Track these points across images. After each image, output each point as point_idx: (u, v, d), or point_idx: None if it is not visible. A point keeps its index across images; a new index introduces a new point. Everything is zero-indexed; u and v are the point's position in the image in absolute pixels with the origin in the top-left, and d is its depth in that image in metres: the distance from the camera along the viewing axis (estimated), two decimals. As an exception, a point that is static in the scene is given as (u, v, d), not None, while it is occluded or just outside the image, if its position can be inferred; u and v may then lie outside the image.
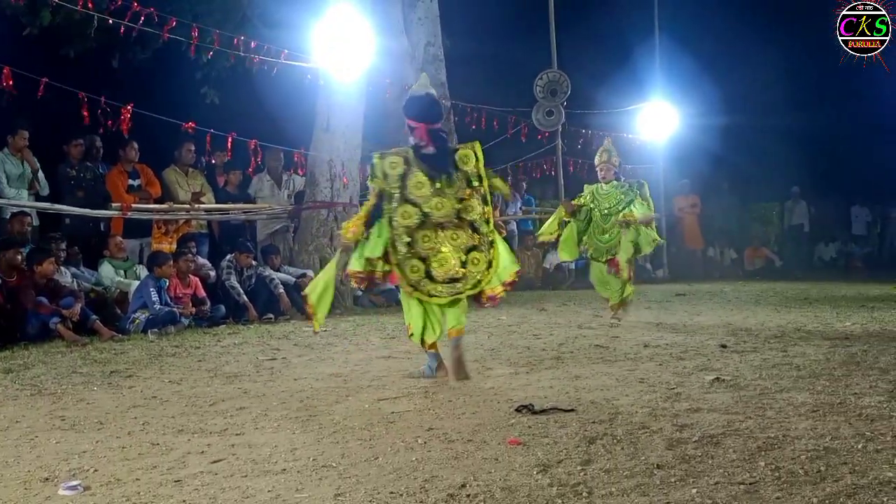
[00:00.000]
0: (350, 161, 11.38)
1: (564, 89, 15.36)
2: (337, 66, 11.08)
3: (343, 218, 11.14)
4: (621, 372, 5.30)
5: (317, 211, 11.17)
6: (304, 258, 10.96)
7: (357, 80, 11.38)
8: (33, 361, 6.51)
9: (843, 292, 12.12)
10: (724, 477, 2.93)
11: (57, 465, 3.43)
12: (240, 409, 4.50)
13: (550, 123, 15.49)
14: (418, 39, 14.49)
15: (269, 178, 11.65)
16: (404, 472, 3.12)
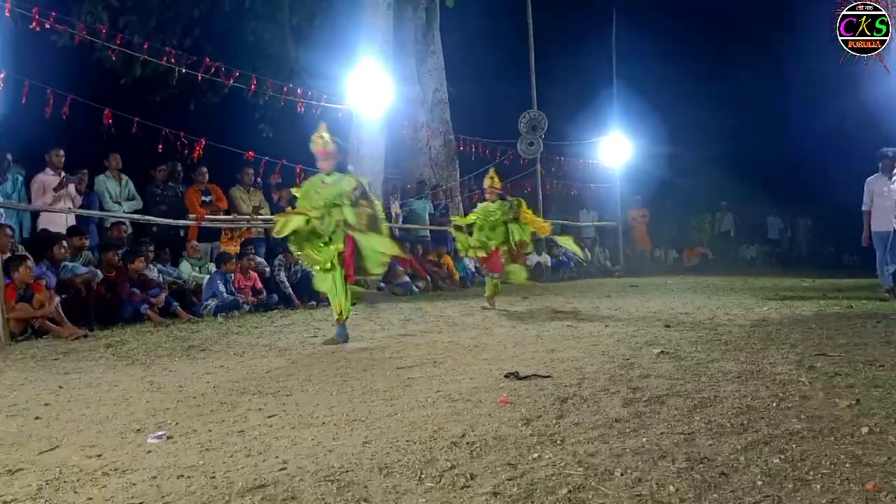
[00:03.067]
0: (374, 180, 11.38)
1: (542, 125, 15.39)
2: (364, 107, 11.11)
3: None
4: (587, 346, 5.30)
5: (349, 221, 11.17)
6: (340, 257, 10.96)
7: (380, 118, 11.41)
8: (128, 339, 6.53)
9: (761, 284, 12.10)
10: (667, 428, 2.94)
11: (146, 419, 3.44)
12: (289, 375, 4.52)
13: (531, 152, 15.51)
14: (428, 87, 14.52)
15: (311, 195, 11.65)
16: (417, 425, 3.12)
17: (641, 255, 18.69)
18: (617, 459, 2.55)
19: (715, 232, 20.95)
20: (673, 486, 2.27)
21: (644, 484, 2.31)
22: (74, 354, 5.70)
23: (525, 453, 2.66)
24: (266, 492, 2.35)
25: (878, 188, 8.96)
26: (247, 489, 2.38)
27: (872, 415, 3.06)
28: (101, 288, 7.75)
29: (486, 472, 2.47)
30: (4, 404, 3.85)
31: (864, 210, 9.03)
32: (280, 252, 10.13)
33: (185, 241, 9.69)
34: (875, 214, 8.96)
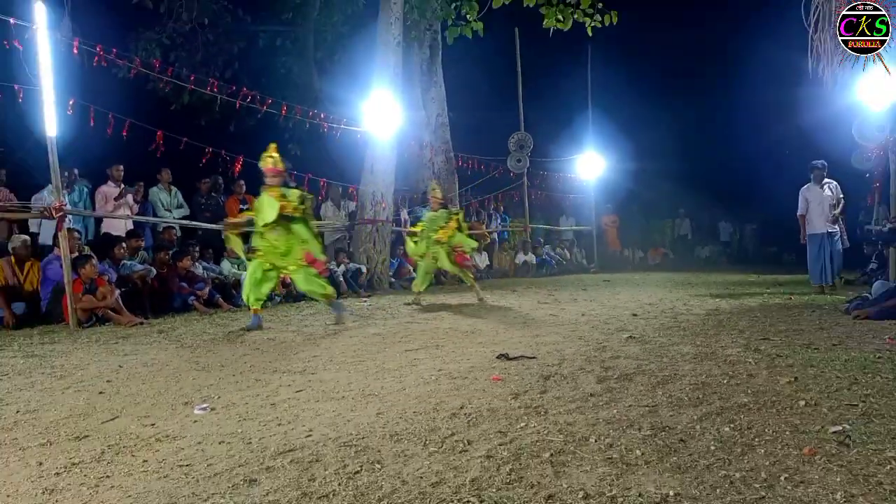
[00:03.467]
0: (386, 193, 11.37)
1: (528, 144, 15.40)
2: (377, 129, 11.09)
3: (383, 231, 11.17)
4: (566, 332, 5.30)
5: (364, 226, 11.17)
6: (358, 257, 10.95)
7: (390, 138, 11.39)
8: (177, 325, 6.53)
9: (714, 279, 12.09)
10: (634, 401, 2.93)
11: (193, 393, 3.44)
12: (314, 356, 4.51)
13: (519, 167, 15.51)
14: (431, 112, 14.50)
15: (332, 203, 11.65)
16: (423, 399, 3.12)
17: (612, 255, 18.68)
18: (592, 428, 2.55)
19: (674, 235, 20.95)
20: (639, 451, 2.27)
21: (615, 448, 2.31)
22: (132, 339, 5.70)
23: (514, 423, 2.66)
24: (294, 455, 2.35)
25: (811, 196, 8.97)
26: (278, 453, 2.38)
27: (808, 390, 3.05)
28: (155, 282, 7.75)
29: (481, 438, 2.47)
30: (73, 381, 3.85)
31: (800, 215, 9.03)
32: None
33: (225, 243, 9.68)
34: (809, 218, 8.96)
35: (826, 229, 8.84)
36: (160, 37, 13.02)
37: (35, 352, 5.00)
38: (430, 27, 13.99)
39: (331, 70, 14.92)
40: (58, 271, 6.66)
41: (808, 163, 9.16)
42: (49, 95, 6.54)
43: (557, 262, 16.25)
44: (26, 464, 2.35)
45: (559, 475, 2.07)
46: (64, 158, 7.03)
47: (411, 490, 1.99)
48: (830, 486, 1.94)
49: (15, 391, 3.60)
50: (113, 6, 12.14)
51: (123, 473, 2.23)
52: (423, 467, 2.18)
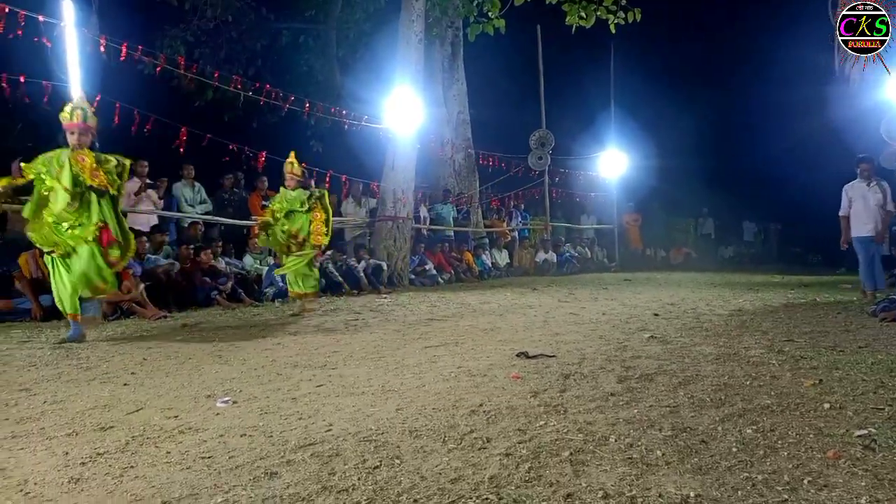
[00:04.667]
0: (407, 189, 11.40)
1: (550, 142, 15.34)
2: (398, 126, 11.12)
3: (403, 228, 11.20)
4: (587, 331, 5.27)
5: (385, 222, 11.21)
6: (378, 253, 11.00)
7: (412, 136, 11.41)
8: (200, 319, 6.60)
9: (737, 279, 11.96)
10: (655, 402, 2.91)
11: (215, 386, 3.47)
12: (334, 352, 4.54)
13: (540, 165, 15.46)
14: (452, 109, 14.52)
15: (353, 200, 11.70)
16: (442, 395, 3.12)
17: (634, 254, 18.55)
18: (612, 427, 2.54)
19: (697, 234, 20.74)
20: (660, 451, 2.25)
21: (635, 448, 2.29)
22: (156, 332, 5.77)
23: (533, 421, 2.65)
24: (315, 449, 2.36)
25: (855, 194, 8.07)
26: (299, 446, 2.40)
27: (833, 393, 3.01)
28: (179, 277, 7.85)
29: (500, 436, 2.46)
30: (98, 372, 3.91)
31: (842, 215, 8.14)
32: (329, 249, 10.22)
33: (248, 238, 9.78)
34: (854, 219, 8.06)
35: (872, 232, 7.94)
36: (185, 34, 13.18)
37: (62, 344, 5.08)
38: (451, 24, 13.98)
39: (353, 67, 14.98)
40: (84, 265, 6.76)
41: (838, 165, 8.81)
42: (76, 91, 6.64)
43: (578, 261, 16.18)
44: (53, 453, 2.40)
45: (578, 474, 2.07)
46: (90, 153, 7.12)
47: (430, 486, 2.00)
48: (855, 490, 1.91)
49: (42, 382, 3.67)
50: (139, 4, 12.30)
51: (147, 464, 2.26)
52: (442, 464, 2.18)
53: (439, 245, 12.54)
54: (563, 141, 16.44)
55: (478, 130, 15.23)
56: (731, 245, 21.13)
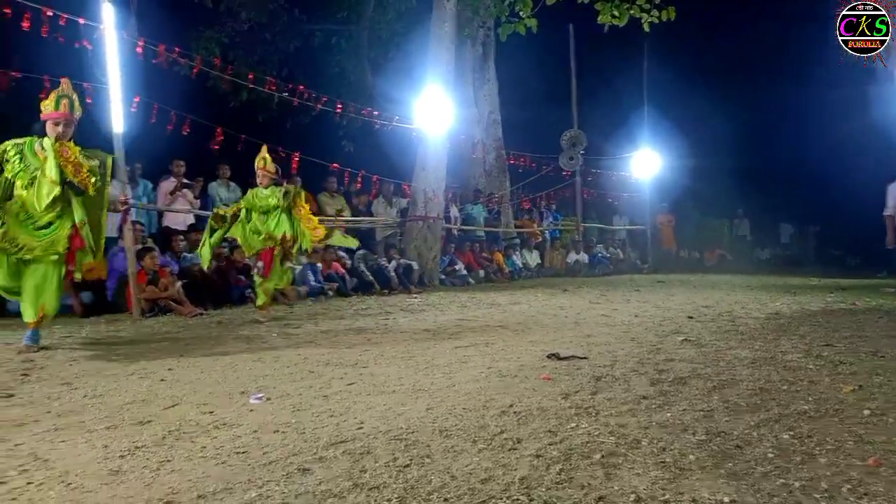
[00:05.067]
0: (437, 189, 11.42)
1: (582, 142, 15.22)
2: (429, 126, 11.15)
3: (434, 228, 11.23)
4: (619, 333, 5.22)
5: (416, 222, 11.25)
6: (409, 253, 11.04)
7: (442, 136, 11.43)
8: (235, 317, 6.71)
9: (773, 282, 11.72)
10: (689, 406, 2.88)
11: (249, 383, 3.53)
12: (365, 350, 4.57)
13: (572, 165, 15.35)
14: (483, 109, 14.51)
15: (384, 200, 11.77)
16: (472, 396, 3.13)
17: (667, 255, 18.30)
18: (644, 431, 2.51)
19: (732, 235, 20.36)
20: (693, 456, 2.23)
21: (668, 452, 2.27)
22: (192, 329, 5.88)
23: (564, 423, 2.64)
24: (346, 446, 2.39)
25: None
26: (330, 443, 2.42)
27: (873, 399, 2.94)
28: (214, 275, 7.98)
29: (531, 437, 2.46)
30: (137, 368, 4.00)
31: (887, 214, 8.04)
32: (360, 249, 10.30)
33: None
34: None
35: None
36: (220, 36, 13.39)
37: (102, 339, 5.21)
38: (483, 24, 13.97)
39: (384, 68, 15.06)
40: (123, 262, 6.92)
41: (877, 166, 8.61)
42: (116, 93, 6.80)
43: (610, 262, 16.03)
44: (93, 446, 2.46)
45: (610, 477, 2.05)
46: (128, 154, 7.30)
47: (460, 486, 2.00)
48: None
49: (83, 376, 3.77)
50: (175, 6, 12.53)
51: (183, 458, 2.31)
52: (473, 463, 2.19)
53: (469, 245, 12.54)
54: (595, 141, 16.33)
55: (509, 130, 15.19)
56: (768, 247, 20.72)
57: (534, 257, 14.52)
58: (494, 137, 14.78)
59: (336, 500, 1.92)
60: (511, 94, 15.42)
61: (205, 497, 1.95)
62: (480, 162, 14.49)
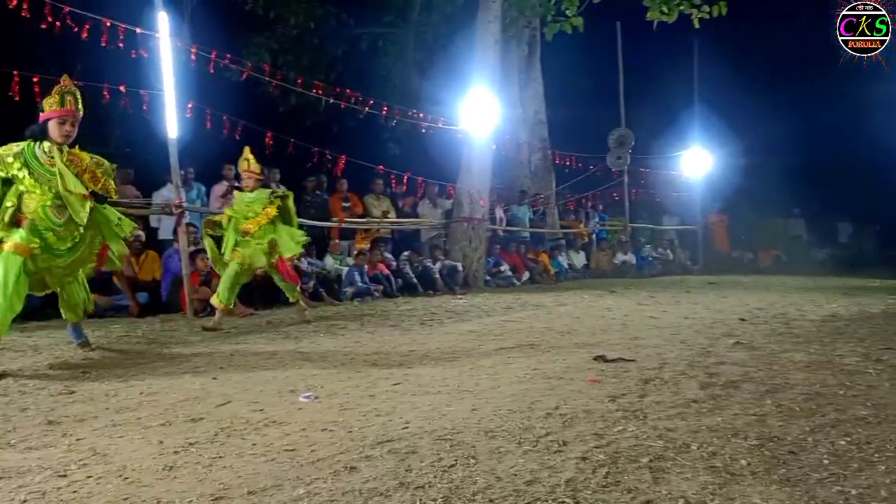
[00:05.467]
0: (482, 191, 11.41)
1: (630, 141, 15.00)
2: (475, 128, 11.15)
3: (479, 229, 11.23)
4: (668, 335, 5.13)
5: (460, 223, 11.26)
6: (454, 254, 11.06)
7: (487, 137, 11.42)
8: (284, 317, 6.83)
9: (831, 284, 11.32)
10: (740, 410, 2.81)
11: (298, 382, 3.59)
12: (410, 351, 4.60)
13: (619, 165, 15.14)
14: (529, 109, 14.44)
15: (429, 201, 11.82)
16: (517, 397, 3.12)
17: (719, 256, 17.85)
18: (694, 435, 2.47)
19: (787, 235, 19.74)
20: (745, 461, 2.17)
21: (718, 457, 2.22)
22: (243, 329, 6.02)
23: (611, 426, 2.61)
24: (392, 445, 2.41)
25: None
26: (377, 442, 2.45)
27: (938, 405, 2.82)
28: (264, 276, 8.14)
29: (576, 439, 2.44)
30: (190, 367, 4.13)
31: None
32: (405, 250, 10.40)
33: (329, 239, 10.04)
34: None
35: None
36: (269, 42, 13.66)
37: (156, 338, 5.38)
38: (528, 24, 13.90)
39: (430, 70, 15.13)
40: (177, 264, 7.14)
41: None
42: (171, 99, 7.02)
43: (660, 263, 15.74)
44: (148, 441, 2.55)
45: (658, 481, 2.02)
46: (182, 158, 7.53)
47: (505, 487, 2.00)
48: (962, 510, 1.79)
49: (139, 374, 3.90)
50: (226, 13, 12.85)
51: (234, 455, 2.37)
52: (518, 465, 2.18)
53: (515, 246, 12.49)
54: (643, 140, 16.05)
55: (555, 130, 15.07)
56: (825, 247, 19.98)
57: (580, 258, 14.37)
58: (540, 137, 14.69)
59: (382, 498, 1.94)
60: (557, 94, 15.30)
61: (255, 493, 2.00)
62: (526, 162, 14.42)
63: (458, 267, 10.61)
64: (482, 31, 11.34)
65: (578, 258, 14.31)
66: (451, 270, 10.41)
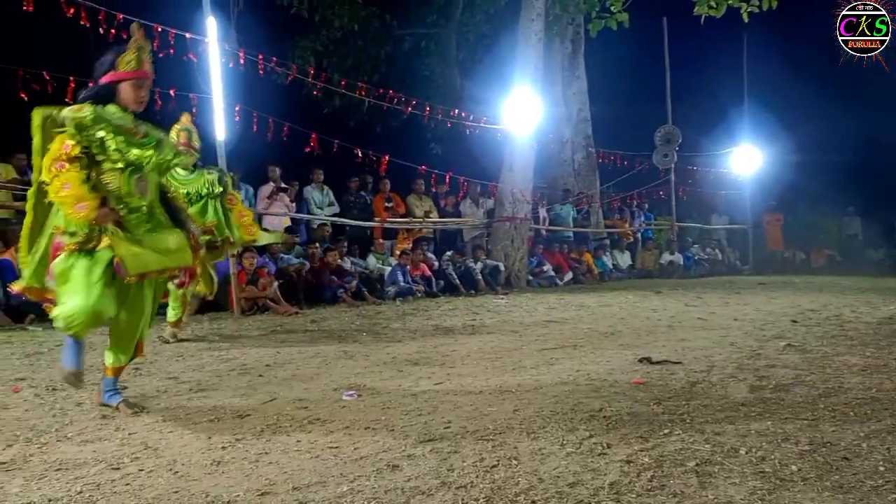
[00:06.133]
0: (524, 190, 11.34)
1: (677, 138, 14.73)
2: (517, 127, 11.11)
3: (521, 228, 11.17)
4: (716, 337, 5.02)
5: (503, 223, 11.23)
6: (496, 254, 11.03)
7: (529, 136, 11.37)
8: (327, 316, 6.93)
9: (888, 284, 10.90)
10: (792, 414, 2.74)
11: (341, 380, 3.64)
12: (453, 350, 4.61)
13: (666, 163, 14.88)
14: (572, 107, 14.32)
15: (471, 201, 11.82)
16: (560, 399, 3.10)
17: (771, 255, 17.36)
18: (742, 439, 2.41)
19: (842, 235, 19.08)
20: (795, 466, 2.12)
21: (768, 462, 2.17)
22: (288, 327, 6.13)
23: (656, 429, 2.57)
24: (434, 445, 2.43)
25: None
26: (419, 441, 2.47)
27: None
28: (308, 275, 8.28)
29: (621, 442, 2.41)
30: (237, 364, 4.22)
31: None
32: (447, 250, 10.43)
33: (372, 239, 10.13)
34: None
35: None
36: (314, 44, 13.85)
37: (204, 336, 5.52)
38: (572, 21, 13.78)
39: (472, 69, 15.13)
40: (225, 263, 7.29)
41: None
42: (219, 102, 7.18)
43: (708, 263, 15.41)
44: (197, 437, 2.62)
45: (705, 486, 1.99)
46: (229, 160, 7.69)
47: (548, 488, 1.99)
48: None
49: (189, 371, 4.01)
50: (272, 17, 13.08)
51: (280, 451, 2.42)
52: (560, 467, 2.17)
53: (558, 246, 12.39)
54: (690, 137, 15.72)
55: (599, 128, 14.91)
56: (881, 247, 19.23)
57: (625, 258, 14.17)
58: (584, 135, 14.55)
59: (424, 497, 1.96)
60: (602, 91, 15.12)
61: (299, 489, 2.04)
62: (569, 161, 14.30)
63: (500, 266, 10.59)
64: (525, 29, 11.28)
65: (623, 258, 14.12)
66: (493, 270, 10.40)
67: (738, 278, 13.67)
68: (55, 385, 3.55)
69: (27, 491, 2.06)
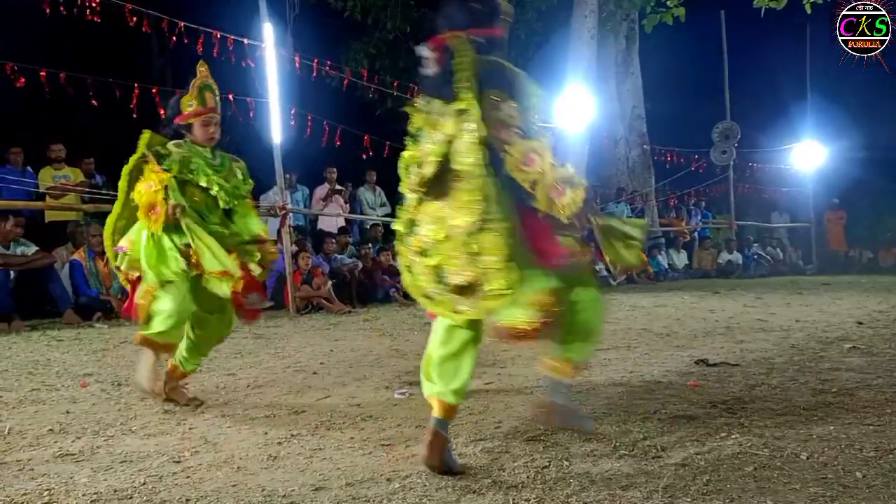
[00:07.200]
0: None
1: (735, 134, 14.32)
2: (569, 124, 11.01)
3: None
4: (776, 339, 4.86)
5: (556, 222, 11.14)
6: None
7: (582, 133, 11.25)
8: (380, 315, 7.01)
9: (966, 285, 10.35)
10: (856, 419, 2.63)
11: (392, 379, 3.68)
12: (502, 350, 4.54)
13: (724, 160, 14.49)
14: (626, 104, 14.10)
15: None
16: (613, 400, 3.06)
17: (835, 255, 16.69)
18: (803, 444, 2.33)
19: (912, 234, 18.19)
20: (860, 473, 2.04)
21: (830, 468, 2.09)
22: (341, 326, 6.23)
23: (713, 432, 2.51)
24: (484, 444, 2.43)
25: None
26: (469, 441, 2.48)
27: None
28: (361, 275, 8.39)
29: (676, 445, 2.37)
30: (292, 361, 4.31)
31: None
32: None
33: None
34: None
35: None
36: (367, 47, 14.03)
37: (261, 334, 5.65)
38: (626, 17, 13.55)
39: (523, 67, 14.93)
40: (281, 263, 7.46)
41: None
42: (275, 106, 7.35)
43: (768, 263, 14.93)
44: (254, 432, 2.69)
45: (763, 491, 1.93)
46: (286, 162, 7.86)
47: (600, 490, 1.97)
48: None
49: (245, 368, 4.12)
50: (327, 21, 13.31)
51: (333, 447, 2.46)
52: (613, 469, 2.14)
53: (613, 245, 12.21)
54: (750, 133, 15.27)
55: (654, 125, 14.63)
56: (954, 245, 18.27)
57: (681, 258, 13.85)
58: (638, 133, 14.30)
59: (475, 496, 1.96)
60: (657, 87, 14.83)
61: (352, 485, 2.07)
62: (623, 159, 14.07)
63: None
64: (578, 26, 11.17)
65: (679, 258, 13.80)
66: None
67: (800, 278, 13.20)
68: (120, 380, 3.70)
69: (94, 482, 2.16)
